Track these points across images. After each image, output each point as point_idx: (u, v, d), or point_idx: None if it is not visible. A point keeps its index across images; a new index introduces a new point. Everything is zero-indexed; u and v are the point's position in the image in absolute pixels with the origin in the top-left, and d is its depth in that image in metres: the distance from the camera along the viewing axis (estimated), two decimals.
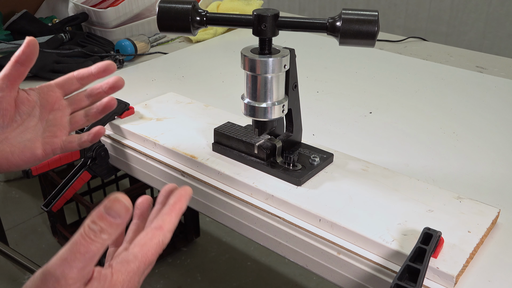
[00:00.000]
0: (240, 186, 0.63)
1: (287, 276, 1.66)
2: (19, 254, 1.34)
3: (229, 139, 0.67)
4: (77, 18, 1.18)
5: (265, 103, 0.60)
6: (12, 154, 0.56)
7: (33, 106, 0.59)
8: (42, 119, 0.59)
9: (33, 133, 0.58)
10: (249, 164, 0.65)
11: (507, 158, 0.73)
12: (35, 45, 0.56)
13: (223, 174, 0.64)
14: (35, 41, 0.56)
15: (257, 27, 0.57)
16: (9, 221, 1.90)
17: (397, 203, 0.57)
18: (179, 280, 1.65)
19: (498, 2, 1.91)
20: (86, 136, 0.61)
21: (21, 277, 1.66)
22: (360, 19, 0.54)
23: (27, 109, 0.58)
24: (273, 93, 0.60)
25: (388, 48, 1.20)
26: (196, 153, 0.68)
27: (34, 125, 0.58)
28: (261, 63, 0.58)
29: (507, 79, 1.01)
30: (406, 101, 0.91)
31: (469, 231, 0.53)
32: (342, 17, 0.54)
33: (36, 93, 0.60)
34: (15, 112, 0.57)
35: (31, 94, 0.59)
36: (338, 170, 0.64)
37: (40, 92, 0.60)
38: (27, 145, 0.57)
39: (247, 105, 0.61)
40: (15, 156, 0.56)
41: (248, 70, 0.59)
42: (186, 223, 1.77)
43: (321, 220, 0.56)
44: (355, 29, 0.54)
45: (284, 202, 0.59)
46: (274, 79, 0.59)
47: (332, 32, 0.56)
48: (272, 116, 0.61)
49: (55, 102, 0.61)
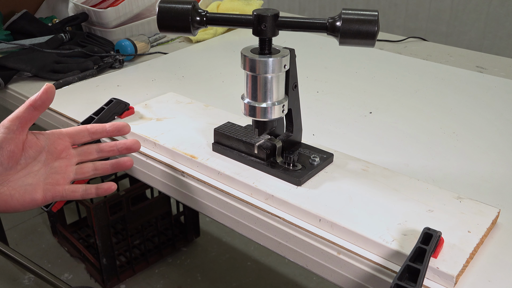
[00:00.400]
0: (240, 186, 0.63)
1: (287, 276, 1.66)
2: (19, 254, 1.34)
3: (229, 139, 0.67)
4: (77, 18, 1.18)
5: (265, 103, 0.60)
6: (11, 197, 0.55)
7: (40, 151, 0.58)
8: (46, 165, 0.58)
9: (35, 178, 0.57)
10: (249, 164, 0.65)
11: (507, 158, 0.73)
12: (52, 91, 0.56)
13: (223, 174, 0.64)
14: (52, 88, 0.55)
15: (257, 27, 0.57)
16: (9, 221, 1.90)
17: (397, 203, 0.57)
18: (179, 280, 1.65)
19: (498, 2, 1.91)
20: (94, 190, 0.61)
21: (21, 277, 1.66)
22: (360, 19, 0.54)
23: (34, 153, 0.57)
24: (273, 93, 0.60)
25: (388, 48, 1.20)
26: (196, 153, 0.68)
27: (37, 170, 0.57)
28: (261, 63, 0.58)
29: (507, 79, 1.01)
30: (406, 101, 0.91)
31: (469, 231, 0.53)
32: (342, 17, 0.54)
33: (45, 138, 0.59)
34: (21, 155, 0.56)
35: (40, 138, 0.58)
36: (338, 170, 0.64)
37: (49, 138, 0.59)
38: (28, 189, 0.56)
39: (247, 105, 0.61)
40: (14, 200, 0.55)
41: (248, 70, 0.59)
42: (186, 223, 1.77)
43: (321, 220, 0.56)
44: (355, 29, 0.54)
45: (284, 202, 0.59)
46: (274, 79, 0.59)
47: (332, 32, 0.56)
48: (272, 116, 0.61)
49: (62, 151, 0.60)
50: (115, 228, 1.78)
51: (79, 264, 1.71)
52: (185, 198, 0.69)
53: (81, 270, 1.69)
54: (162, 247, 1.72)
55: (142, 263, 1.67)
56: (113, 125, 0.62)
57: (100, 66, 1.05)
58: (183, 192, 0.69)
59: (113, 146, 0.62)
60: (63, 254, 1.76)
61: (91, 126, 0.62)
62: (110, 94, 0.91)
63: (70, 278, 1.66)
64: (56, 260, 1.73)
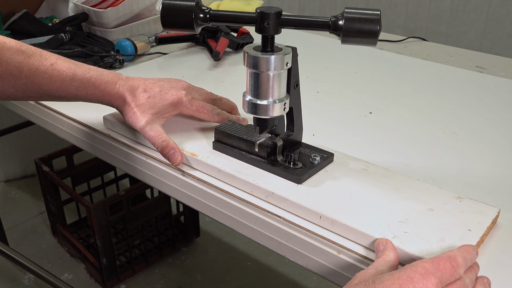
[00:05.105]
0: (240, 183, 0.63)
1: (287, 276, 1.66)
2: (19, 254, 1.34)
3: (229, 138, 0.67)
4: (77, 18, 1.19)
5: (267, 101, 0.60)
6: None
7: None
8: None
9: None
10: (250, 162, 0.65)
11: (507, 158, 0.73)
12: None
13: (223, 172, 0.64)
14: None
15: (260, 25, 0.58)
16: (9, 221, 1.91)
17: (398, 201, 0.57)
18: (179, 280, 1.65)
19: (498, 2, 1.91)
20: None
21: (21, 277, 1.66)
22: (362, 18, 0.54)
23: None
24: (274, 91, 0.60)
25: (388, 48, 1.20)
26: (197, 151, 0.68)
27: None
28: (263, 60, 0.58)
29: (507, 79, 1.01)
30: (406, 101, 0.91)
31: (470, 230, 0.53)
32: (345, 15, 0.55)
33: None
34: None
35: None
36: (339, 169, 0.64)
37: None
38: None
39: (249, 102, 0.61)
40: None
41: (250, 67, 0.59)
42: (186, 223, 1.77)
43: (321, 217, 0.56)
44: (357, 27, 0.54)
45: (284, 200, 0.59)
46: (276, 76, 0.59)
47: (334, 30, 0.56)
48: (274, 113, 0.61)
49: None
50: (115, 228, 1.78)
51: (79, 264, 1.71)
52: (185, 198, 0.69)
53: (81, 270, 1.69)
54: (162, 247, 1.72)
55: (142, 263, 1.67)
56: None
57: (100, 66, 1.05)
58: (183, 192, 0.69)
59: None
60: (63, 254, 1.76)
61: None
62: None
63: (70, 278, 1.66)
64: (56, 260, 1.73)
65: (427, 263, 0.44)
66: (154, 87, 0.71)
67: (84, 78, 0.70)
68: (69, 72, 0.70)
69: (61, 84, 0.70)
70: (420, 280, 0.42)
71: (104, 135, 0.78)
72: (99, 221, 1.48)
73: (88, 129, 0.81)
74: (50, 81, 0.69)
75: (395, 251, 0.50)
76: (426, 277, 0.42)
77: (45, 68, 0.69)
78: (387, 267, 0.47)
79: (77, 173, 1.74)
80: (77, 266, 1.70)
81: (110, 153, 0.78)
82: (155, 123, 0.69)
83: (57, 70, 0.69)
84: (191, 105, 0.71)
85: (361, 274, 0.46)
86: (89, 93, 0.71)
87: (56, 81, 0.69)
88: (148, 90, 0.70)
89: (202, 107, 0.72)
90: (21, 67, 0.68)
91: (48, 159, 1.69)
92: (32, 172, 2.19)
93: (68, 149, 1.71)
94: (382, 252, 0.50)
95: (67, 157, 1.71)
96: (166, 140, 0.67)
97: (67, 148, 1.71)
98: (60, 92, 0.70)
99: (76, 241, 1.69)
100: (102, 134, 0.79)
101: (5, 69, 0.67)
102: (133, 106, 0.69)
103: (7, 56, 0.67)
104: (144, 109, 0.69)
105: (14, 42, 0.69)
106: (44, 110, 0.89)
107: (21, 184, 2.16)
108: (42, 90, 0.70)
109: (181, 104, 0.71)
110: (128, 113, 0.70)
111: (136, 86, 0.71)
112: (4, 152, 2.12)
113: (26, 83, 0.69)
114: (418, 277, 0.42)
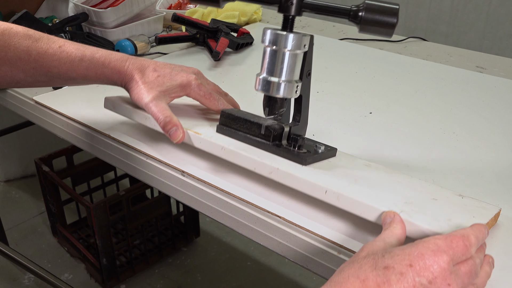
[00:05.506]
0: (243, 160, 0.62)
1: (287, 276, 1.66)
2: (19, 254, 1.34)
3: (235, 121, 0.66)
4: (77, 18, 1.19)
5: (280, 79, 0.61)
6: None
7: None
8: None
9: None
10: (254, 144, 0.64)
11: (507, 158, 0.73)
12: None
13: (227, 149, 0.63)
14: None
15: (284, 4, 0.59)
16: (9, 221, 1.91)
17: (402, 189, 0.57)
18: (179, 280, 1.65)
19: (498, 2, 1.91)
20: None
21: (21, 277, 1.66)
22: (382, 9, 0.57)
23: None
24: (289, 70, 0.61)
25: (388, 48, 1.20)
26: (200, 131, 0.68)
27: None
28: (283, 37, 0.59)
29: (507, 79, 1.01)
30: (406, 101, 0.91)
31: (474, 216, 0.52)
32: (366, 5, 0.58)
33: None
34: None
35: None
36: (342, 160, 0.64)
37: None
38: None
39: (262, 79, 0.61)
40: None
41: (268, 44, 0.60)
42: (186, 223, 1.77)
43: (327, 191, 0.55)
44: (376, 18, 0.57)
45: (289, 175, 0.58)
46: (292, 56, 0.60)
47: (354, 18, 0.58)
48: (285, 93, 0.61)
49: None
50: (115, 228, 1.78)
51: (79, 264, 1.71)
52: (185, 198, 0.69)
53: (81, 270, 1.69)
54: (162, 247, 1.72)
55: (142, 263, 1.67)
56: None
57: None
58: (183, 192, 0.69)
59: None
60: (63, 254, 1.76)
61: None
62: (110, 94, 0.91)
63: (70, 278, 1.66)
64: (56, 260, 1.73)
65: (440, 240, 0.42)
66: (164, 68, 0.72)
67: (93, 58, 0.70)
68: (77, 53, 0.70)
69: (71, 65, 0.70)
70: (432, 257, 0.41)
71: (104, 135, 0.78)
72: (99, 221, 1.48)
73: (88, 129, 0.81)
74: (59, 63, 0.69)
75: (402, 224, 0.49)
76: (437, 254, 0.41)
77: (53, 50, 0.69)
78: (395, 239, 0.46)
79: (77, 173, 1.74)
80: (77, 266, 1.70)
81: (110, 153, 0.78)
82: (161, 100, 0.69)
83: (65, 52, 0.70)
84: (199, 89, 0.72)
85: (368, 246, 0.45)
86: (99, 72, 0.71)
87: (65, 62, 0.70)
88: (158, 70, 0.71)
89: (209, 95, 0.72)
90: (30, 51, 0.68)
91: (48, 159, 1.69)
92: (32, 172, 2.19)
93: (68, 149, 1.71)
94: (389, 225, 0.48)
95: (67, 157, 1.71)
96: (170, 116, 0.67)
97: (67, 148, 1.71)
98: (70, 73, 0.70)
99: (76, 241, 1.69)
100: (102, 134, 0.78)
101: (13, 54, 0.68)
102: (140, 83, 0.69)
103: (15, 41, 0.68)
104: (152, 86, 0.69)
105: (20, 28, 0.70)
106: (44, 110, 0.89)
107: (21, 184, 2.16)
108: (52, 72, 0.70)
109: (189, 87, 0.71)
110: (135, 89, 0.70)
111: (146, 65, 0.71)
112: (4, 152, 2.12)
113: (35, 67, 0.69)
114: (429, 254, 0.41)
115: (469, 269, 0.43)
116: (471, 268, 0.43)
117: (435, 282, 0.40)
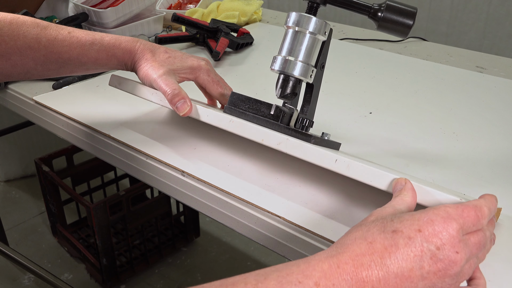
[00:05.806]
0: (251, 131, 0.61)
1: None
2: (19, 254, 1.34)
3: (245, 101, 0.66)
4: (77, 18, 1.19)
5: (298, 59, 0.63)
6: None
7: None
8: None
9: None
10: (262, 123, 0.64)
11: (507, 158, 0.73)
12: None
13: (235, 122, 0.63)
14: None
15: None
16: (9, 221, 1.91)
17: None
18: (179, 280, 1.65)
19: (498, 2, 1.91)
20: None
21: (21, 277, 1.66)
22: (401, 11, 0.62)
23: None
24: (307, 53, 0.63)
25: (388, 48, 1.20)
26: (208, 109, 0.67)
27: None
28: (306, 18, 0.62)
29: (507, 79, 1.01)
30: (406, 101, 0.91)
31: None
32: (386, 5, 0.62)
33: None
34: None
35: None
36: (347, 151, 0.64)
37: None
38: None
39: (280, 58, 0.63)
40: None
41: (291, 25, 0.62)
42: (186, 223, 1.77)
43: (337, 160, 0.54)
44: (395, 18, 0.62)
45: (298, 144, 0.57)
46: (312, 40, 0.62)
47: (374, 15, 0.63)
48: (301, 73, 0.63)
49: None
50: (115, 228, 1.78)
51: (79, 264, 1.71)
52: (185, 198, 0.69)
53: (81, 270, 1.69)
54: (162, 247, 1.72)
55: (142, 263, 1.67)
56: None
57: None
58: (183, 192, 0.69)
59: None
60: (63, 254, 1.76)
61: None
62: (110, 94, 0.91)
63: (70, 278, 1.66)
64: (56, 260, 1.73)
65: (451, 208, 0.42)
66: (176, 51, 0.74)
67: (103, 41, 0.71)
68: (88, 38, 0.71)
69: (81, 50, 0.70)
70: (441, 224, 0.40)
71: (104, 135, 0.78)
72: (99, 221, 1.48)
73: (88, 129, 0.81)
74: (70, 48, 0.70)
75: (413, 191, 0.48)
76: (447, 221, 0.40)
77: (63, 36, 0.70)
78: (405, 206, 0.46)
79: (77, 173, 1.74)
80: (77, 266, 1.70)
81: (110, 153, 0.78)
82: (170, 76, 0.70)
83: (75, 37, 0.70)
84: (208, 75, 0.74)
85: (377, 211, 0.44)
86: (110, 54, 0.71)
87: (76, 47, 0.70)
88: (169, 52, 0.73)
89: (217, 82, 0.75)
90: (39, 39, 0.69)
91: (48, 159, 1.69)
92: (32, 172, 2.19)
93: (68, 149, 1.71)
94: (400, 192, 0.48)
95: (67, 157, 1.71)
96: (178, 89, 0.67)
97: (67, 148, 1.71)
98: (81, 58, 0.71)
99: (76, 241, 1.69)
100: (102, 134, 0.79)
101: (23, 43, 0.68)
102: (151, 61, 0.71)
103: (24, 30, 0.69)
104: (162, 64, 0.71)
105: (27, 17, 0.70)
106: (44, 110, 0.89)
107: (21, 184, 2.16)
108: (62, 58, 0.70)
109: (199, 70, 0.73)
110: (145, 67, 0.71)
111: (157, 46, 0.74)
112: (4, 152, 2.12)
113: (45, 54, 0.70)
114: (439, 220, 0.40)
115: (479, 240, 0.42)
116: (480, 239, 0.43)
117: (443, 248, 0.39)
